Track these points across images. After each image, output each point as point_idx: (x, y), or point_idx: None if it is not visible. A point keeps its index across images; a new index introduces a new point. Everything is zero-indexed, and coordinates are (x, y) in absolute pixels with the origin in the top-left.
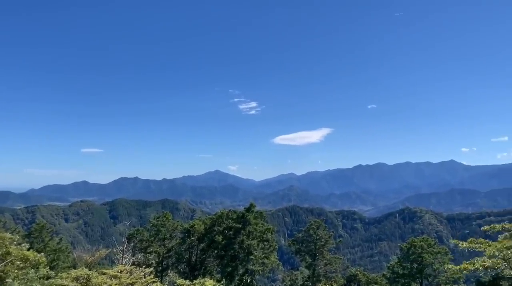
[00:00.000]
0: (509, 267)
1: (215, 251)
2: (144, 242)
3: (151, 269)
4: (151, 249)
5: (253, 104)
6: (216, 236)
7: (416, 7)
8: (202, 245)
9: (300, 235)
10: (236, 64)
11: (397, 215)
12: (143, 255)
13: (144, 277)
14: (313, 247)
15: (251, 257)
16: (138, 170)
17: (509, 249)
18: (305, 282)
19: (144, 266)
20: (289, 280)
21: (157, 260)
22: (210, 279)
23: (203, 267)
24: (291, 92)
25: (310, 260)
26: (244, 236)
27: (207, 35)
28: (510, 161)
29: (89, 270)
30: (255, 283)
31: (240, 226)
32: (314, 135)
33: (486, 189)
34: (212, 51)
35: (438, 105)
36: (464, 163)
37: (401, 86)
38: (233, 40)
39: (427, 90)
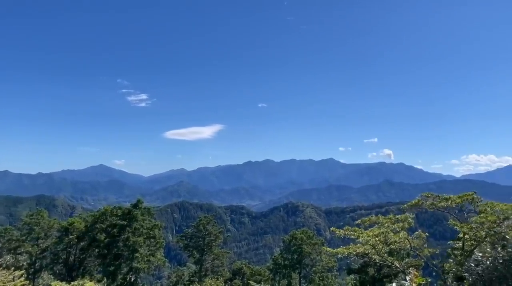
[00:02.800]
0: (376, 253)
1: (97, 250)
2: (13, 242)
3: (22, 271)
4: (22, 250)
5: (144, 96)
6: (98, 234)
7: (307, 12)
8: (82, 244)
9: (189, 230)
10: (125, 53)
11: (282, 209)
12: (12, 256)
13: (13, 280)
14: (201, 242)
15: (136, 254)
16: (8, 162)
17: (377, 237)
18: (192, 278)
19: (13, 269)
20: (175, 277)
21: (29, 262)
22: (90, 280)
23: (82, 267)
24: (185, 87)
25: (198, 256)
26: (130, 233)
27: (92, 18)
28: (378, 160)
29: None
30: (140, 282)
31: (125, 223)
32: (206, 131)
33: (358, 185)
34: (97, 35)
35: (320, 107)
36: (341, 161)
37: (289, 87)
38: (123, 28)
39: (311, 93)
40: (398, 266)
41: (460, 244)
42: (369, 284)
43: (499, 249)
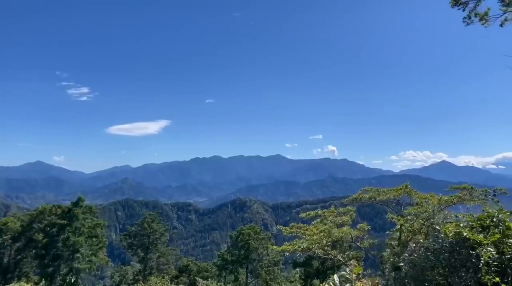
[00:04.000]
0: (320, 248)
1: (34, 251)
2: None
3: None
4: None
5: (85, 90)
6: (36, 234)
7: (254, 8)
8: (17, 244)
9: (133, 229)
10: (65, 44)
11: (229, 205)
12: None
13: None
14: (146, 240)
15: (77, 255)
16: None
17: (321, 232)
18: (136, 277)
19: None
20: (118, 276)
21: None
22: (27, 282)
23: (17, 269)
24: (129, 81)
25: (143, 254)
26: (70, 233)
27: (29, 6)
28: (323, 156)
29: None
30: (80, 282)
31: (65, 222)
32: (152, 127)
33: (304, 180)
34: (35, 25)
35: (267, 104)
36: (288, 157)
37: (237, 84)
38: (63, 18)
39: (259, 89)
40: (341, 258)
41: (398, 235)
42: (314, 276)
43: (430, 239)
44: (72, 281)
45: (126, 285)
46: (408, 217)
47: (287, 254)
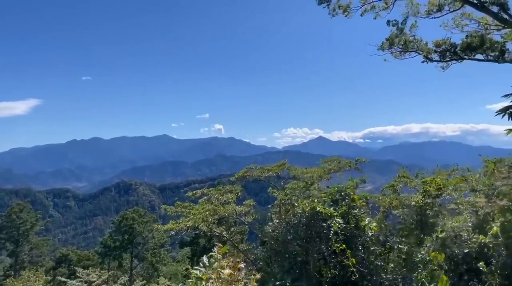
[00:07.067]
0: (206, 225)
1: None
2: None
3: None
4: None
5: None
6: None
7: None
8: None
9: None
10: None
11: (113, 189)
12: None
13: None
14: (15, 232)
15: None
16: None
17: (207, 211)
18: (7, 272)
19: None
20: None
21: None
22: None
23: None
24: None
25: (12, 248)
26: None
27: None
28: (211, 135)
29: None
30: None
31: None
32: (19, 107)
33: (193, 160)
34: None
35: (150, 83)
36: (175, 136)
37: (117, 60)
38: None
39: (138, 67)
40: (226, 235)
41: (278, 209)
42: (201, 254)
43: (291, 215)
44: None
45: None
46: (287, 191)
47: (173, 233)
